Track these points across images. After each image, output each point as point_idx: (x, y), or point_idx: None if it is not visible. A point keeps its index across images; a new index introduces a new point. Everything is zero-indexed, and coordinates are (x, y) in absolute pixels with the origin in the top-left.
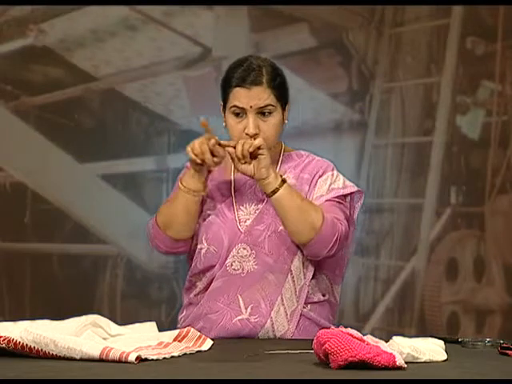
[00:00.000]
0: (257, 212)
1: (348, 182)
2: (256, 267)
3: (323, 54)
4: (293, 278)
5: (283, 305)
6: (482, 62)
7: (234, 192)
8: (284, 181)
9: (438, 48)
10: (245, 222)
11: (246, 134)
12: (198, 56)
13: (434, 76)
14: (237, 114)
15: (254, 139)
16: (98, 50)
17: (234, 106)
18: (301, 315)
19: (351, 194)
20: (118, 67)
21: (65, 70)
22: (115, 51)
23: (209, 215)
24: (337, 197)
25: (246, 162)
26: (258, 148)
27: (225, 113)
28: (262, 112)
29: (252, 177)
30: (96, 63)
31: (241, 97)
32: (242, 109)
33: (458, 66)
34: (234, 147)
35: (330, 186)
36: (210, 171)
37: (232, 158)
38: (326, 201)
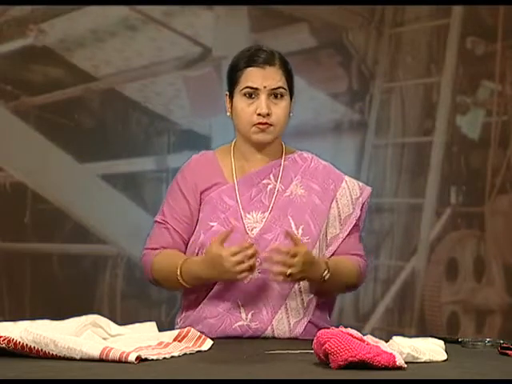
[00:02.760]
0: (263, 220)
1: (361, 184)
2: (260, 275)
3: (323, 53)
4: (300, 289)
5: (287, 314)
6: (482, 62)
7: (240, 200)
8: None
9: (438, 48)
10: (251, 230)
11: (258, 115)
12: (198, 56)
13: (434, 76)
14: (249, 96)
15: (265, 119)
16: (98, 50)
17: (247, 86)
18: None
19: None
20: (118, 67)
21: (65, 70)
22: (115, 51)
23: (211, 226)
24: (361, 209)
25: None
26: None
27: (232, 100)
28: (274, 94)
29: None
30: (96, 63)
31: (254, 76)
32: (255, 89)
33: (458, 66)
34: None
35: (351, 197)
36: None
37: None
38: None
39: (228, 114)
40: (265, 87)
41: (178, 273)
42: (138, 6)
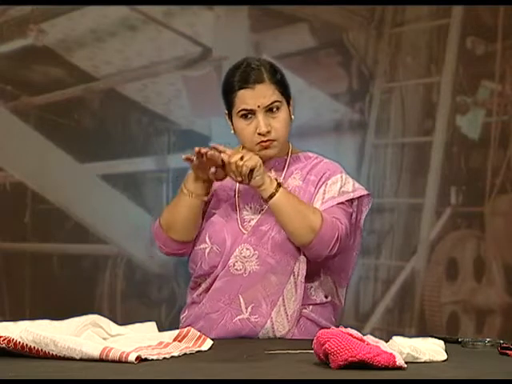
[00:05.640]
0: (261, 212)
1: (357, 185)
2: (258, 267)
3: (323, 53)
4: (295, 279)
5: (284, 305)
6: (481, 62)
7: (238, 192)
8: (279, 185)
9: (438, 48)
10: (249, 221)
11: (259, 134)
12: (198, 56)
13: (434, 76)
14: (245, 117)
15: (266, 137)
16: (98, 50)
17: (242, 109)
18: (302, 316)
19: (360, 197)
20: (117, 67)
21: (65, 69)
22: (115, 51)
23: (213, 214)
24: (346, 200)
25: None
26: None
27: (231, 119)
28: (270, 109)
29: (247, 184)
30: (96, 63)
31: (246, 98)
32: (251, 110)
33: (458, 66)
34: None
35: (340, 188)
36: (217, 179)
37: (225, 166)
38: (337, 204)
39: (232, 131)
40: (259, 106)
41: (182, 185)
42: (138, 6)
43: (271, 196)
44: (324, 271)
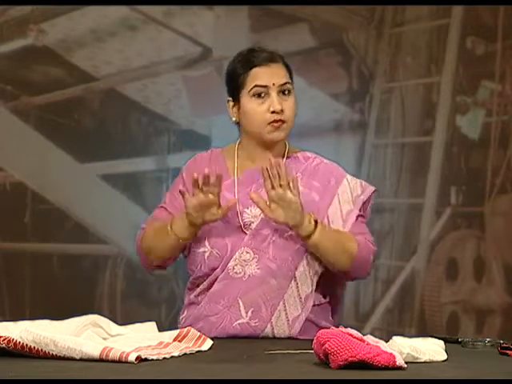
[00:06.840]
0: (261, 215)
1: (364, 183)
2: (258, 271)
3: (323, 53)
4: (297, 284)
5: (285, 310)
6: (482, 62)
7: (238, 194)
8: (316, 222)
9: (438, 48)
10: (249, 225)
11: (272, 112)
12: (198, 56)
13: (434, 76)
14: (258, 96)
15: (279, 116)
16: (98, 50)
17: (256, 85)
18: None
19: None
20: (118, 67)
21: (65, 69)
22: (115, 51)
23: None
24: (362, 206)
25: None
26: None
27: (238, 104)
28: (282, 91)
29: (284, 223)
30: (96, 63)
31: (260, 75)
32: (265, 87)
33: (458, 66)
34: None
35: (352, 195)
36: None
37: (260, 206)
38: (357, 217)
39: (234, 119)
40: (273, 84)
41: (169, 226)
42: (138, 6)
43: (309, 235)
44: (323, 273)
